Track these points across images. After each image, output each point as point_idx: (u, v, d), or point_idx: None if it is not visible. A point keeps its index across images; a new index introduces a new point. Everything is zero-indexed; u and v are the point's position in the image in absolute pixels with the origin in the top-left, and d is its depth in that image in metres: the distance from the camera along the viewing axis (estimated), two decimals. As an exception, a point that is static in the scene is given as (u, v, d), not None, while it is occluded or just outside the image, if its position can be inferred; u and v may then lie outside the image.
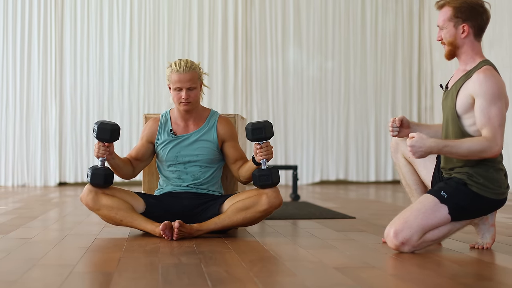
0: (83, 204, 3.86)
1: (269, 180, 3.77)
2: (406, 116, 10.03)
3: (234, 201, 3.84)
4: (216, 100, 9.65)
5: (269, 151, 3.76)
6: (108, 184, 3.83)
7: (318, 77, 9.95)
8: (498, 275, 2.75)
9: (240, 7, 9.74)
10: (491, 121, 3.15)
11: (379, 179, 10.09)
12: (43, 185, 9.36)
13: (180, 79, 3.87)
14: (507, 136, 7.55)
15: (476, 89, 3.19)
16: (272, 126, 3.78)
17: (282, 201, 3.83)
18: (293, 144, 9.89)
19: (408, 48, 10.14)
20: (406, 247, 3.16)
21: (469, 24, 3.27)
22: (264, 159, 3.75)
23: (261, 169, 3.78)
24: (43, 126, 9.37)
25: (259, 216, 3.79)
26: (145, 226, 3.78)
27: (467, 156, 3.17)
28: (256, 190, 3.84)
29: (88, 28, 9.52)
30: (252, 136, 3.73)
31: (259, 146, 3.75)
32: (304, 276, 2.63)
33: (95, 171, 3.79)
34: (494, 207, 3.28)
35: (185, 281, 2.53)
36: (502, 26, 7.93)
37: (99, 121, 3.79)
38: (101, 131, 3.75)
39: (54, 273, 2.70)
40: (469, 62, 3.32)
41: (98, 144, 3.79)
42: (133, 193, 3.93)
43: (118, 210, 3.79)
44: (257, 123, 3.74)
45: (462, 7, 3.26)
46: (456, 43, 3.30)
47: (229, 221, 3.77)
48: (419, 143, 3.17)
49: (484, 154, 3.15)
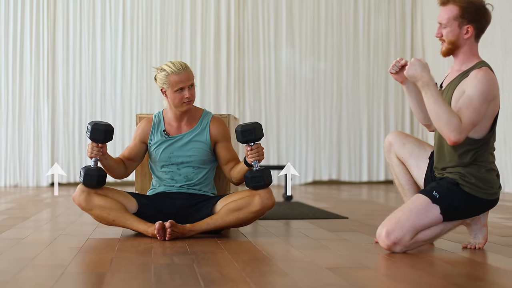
0: (76, 204, 3.85)
1: (261, 182, 3.77)
2: (399, 116, 10.07)
3: (226, 202, 3.83)
4: (209, 100, 9.65)
5: (260, 152, 3.76)
6: (100, 184, 3.82)
7: (310, 77, 9.95)
8: (490, 275, 2.76)
9: (232, 7, 9.73)
10: (469, 111, 3.10)
11: (372, 179, 10.10)
12: (36, 185, 9.34)
13: (181, 79, 3.86)
14: (499, 137, 7.57)
15: (469, 84, 3.17)
16: (262, 127, 3.78)
17: (274, 202, 3.83)
18: (285, 144, 9.89)
19: (400, 48, 10.15)
20: (398, 247, 3.16)
21: (474, 25, 3.24)
22: (256, 161, 3.75)
23: (253, 171, 3.78)
24: (35, 126, 9.35)
25: (252, 216, 3.79)
26: (138, 226, 3.78)
27: (431, 114, 3.13)
28: (248, 191, 3.84)
29: (80, 28, 9.50)
30: (242, 138, 3.73)
31: (249, 148, 3.74)
32: (297, 276, 2.63)
33: (88, 171, 3.78)
34: (486, 207, 3.29)
35: (178, 281, 2.53)
36: (495, 26, 7.95)
37: (92, 121, 3.78)
38: (95, 132, 3.74)
39: (47, 274, 2.70)
40: (465, 62, 3.30)
41: (92, 145, 3.78)
42: (125, 193, 3.93)
43: (111, 210, 3.79)
44: (246, 125, 3.74)
45: (469, 8, 3.22)
46: (458, 43, 3.27)
47: (221, 222, 3.77)
48: (420, 67, 3.17)
49: (445, 130, 3.10)
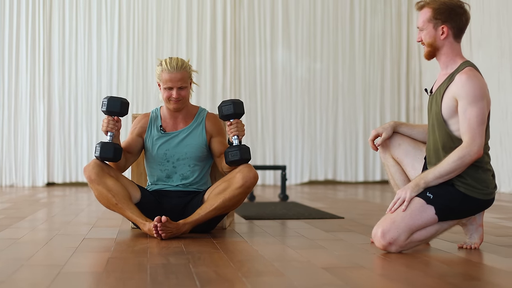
0: (85, 176, 3.80)
1: (237, 156, 3.76)
2: (395, 116, 10.08)
3: (212, 189, 3.84)
4: (205, 99, 9.65)
5: (240, 128, 3.79)
6: (117, 158, 3.80)
7: (306, 78, 9.96)
8: (486, 275, 2.76)
9: (228, 6, 9.74)
10: (470, 122, 3.15)
11: (368, 179, 10.12)
12: (31, 185, 9.33)
13: (171, 78, 3.87)
14: (495, 137, 7.58)
15: (458, 91, 3.20)
16: (242, 103, 3.81)
17: (256, 175, 3.77)
18: (281, 144, 9.90)
19: (396, 49, 10.17)
20: (394, 247, 3.17)
21: (449, 25, 3.28)
22: (235, 136, 3.77)
23: (231, 146, 3.80)
24: (31, 125, 9.34)
25: (237, 193, 3.74)
26: (137, 218, 3.74)
27: (454, 170, 3.17)
28: (230, 173, 3.84)
29: (76, 27, 9.49)
30: (222, 113, 3.78)
31: (229, 123, 3.77)
32: (293, 276, 2.63)
33: (105, 144, 3.76)
34: (482, 207, 3.29)
35: (174, 281, 2.52)
36: (491, 26, 7.96)
37: (108, 96, 3.78)
38: (112, 104, 3.74)
39: (43, 274, 2.69)
40: (450, 64, 3.33)
41: (107, 119, 3.78)
42: (133, 182, 3.94)
43: (117, 194, 3.75)
44: (226, 101, 3.81)
45: (441, 8, 3.27)
46: (436, 44, 3.31)
47: (211, 208, 3.73)
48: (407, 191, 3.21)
49: (467, 159, 3.15)
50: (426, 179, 3.21)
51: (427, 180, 3.20)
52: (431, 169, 3.22)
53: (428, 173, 3.21)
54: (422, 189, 3.21)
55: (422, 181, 3.21)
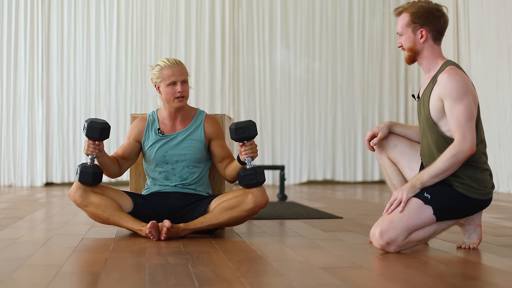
0: (71, 200, 3.84)
1: (254, 180, 3.77)
2: (393, 117, 10.08)
3: (220, 201, 3.84)
4: (203, 100, 9.65)
5: (254, 150, 3.76)
6: (96, 182, 3.82)
7: (305, 78, 9.96)
8: (485, 275, 2.77)
9: (227, 7, 9.74)
10: (458, 120, 3.16)
11: (366, 179, 10.12)
12: (30, 185, 9.32)
13: (174, 72, 3.88)
14: (488, 136, 7.58)
15: (442, 91, 3.21)
16: (256, 125, 3.78)
17: (268, 200, 3.83)
18: (280, 144, 9.90)
19: (395, 49, 10.16)
20: (392, 247, 3.17)
21: (427, 28, 3.31)
22: (249, 158, 3.76)
23: (246, 169, 3.78)
24: (29, 126, 9.34)
25: (245, 215, 3.79)
26: (132, 225, 3.77)
27: (449, 168, 3.18)
28: (242, 189, 3.85)
29: (75, 27, 9.49)
30: (235, 136, 3.73)
31: (242, 144, 3.76)
32: (291, 276, 2.63)
33: (84, 169, 3.77)
34: (480, 207, 3.30)
35: (172, 281, 2.53)
36: (489, 27, 7.96)
37: (89, 119, 3.77)
38: (91, 130, 3.73)
39: (41, 273, 2.69)
40: (432, 67, 3.35)
41: (88, 142, 3.78)
42: (121, 191, 3.92)
43: (106, 208, 3.78)
44: (240, 123, 3.75)
45: (418, 12, 3.30)
46: (416, 48, 3.33)
47: (215, 220, 3.77)
48: (399, 196, 3.22)
49: (461, 156, 3.15)
50: (422, 179, 3.21)
51: (423, 181, 3.21)
52: (426, 169, 3.23)
53: (424, 174, 3.22)
54: (418, 190, 3.22)
55: (418, 181, 3.22)
